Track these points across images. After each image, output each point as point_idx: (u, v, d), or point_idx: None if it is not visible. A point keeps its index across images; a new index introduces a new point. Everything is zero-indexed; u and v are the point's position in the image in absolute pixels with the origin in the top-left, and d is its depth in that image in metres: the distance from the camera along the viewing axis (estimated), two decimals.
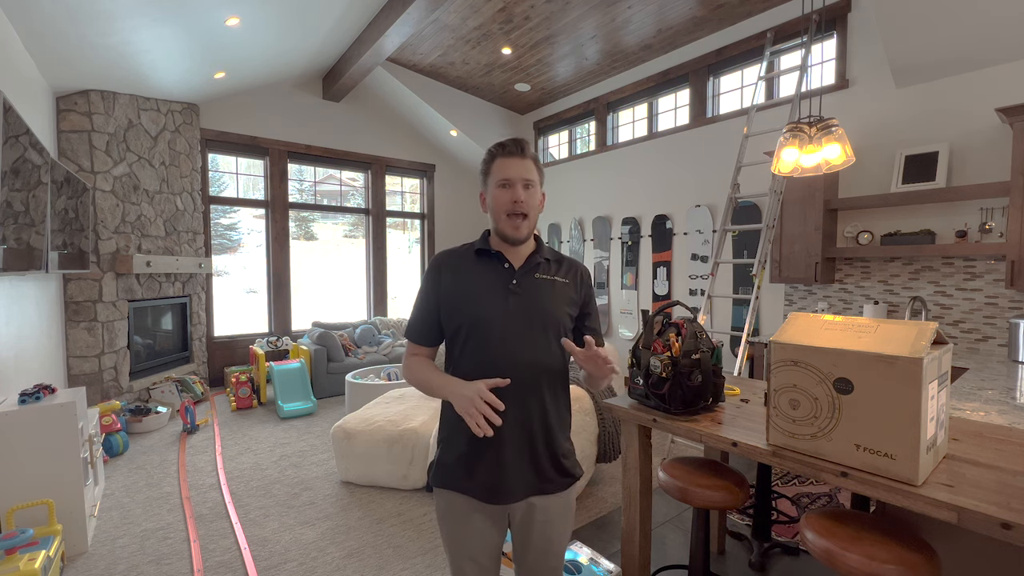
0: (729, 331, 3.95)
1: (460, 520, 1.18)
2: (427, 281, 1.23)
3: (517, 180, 1.15)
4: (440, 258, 1.24)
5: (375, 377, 4.78)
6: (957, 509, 1.02)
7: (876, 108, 3.54)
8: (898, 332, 1.18)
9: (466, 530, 1.18)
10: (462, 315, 1.17)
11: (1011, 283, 2.75)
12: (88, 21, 3.05)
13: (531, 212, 1.17)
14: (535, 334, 1.16)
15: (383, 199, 6.60)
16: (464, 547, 1.19)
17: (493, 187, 1.17)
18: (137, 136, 4.33)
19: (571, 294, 1.23)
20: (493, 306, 1.15)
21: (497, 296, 1.16)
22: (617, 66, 5.25)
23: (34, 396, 2.28)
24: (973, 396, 2.00)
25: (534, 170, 1.19)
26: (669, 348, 1.61)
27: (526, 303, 1.17)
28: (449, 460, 1.19)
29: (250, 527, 2.50)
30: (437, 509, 1.23)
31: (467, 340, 1.16)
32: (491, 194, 1.18)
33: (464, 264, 1.21)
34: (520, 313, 1.16)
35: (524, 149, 1.17)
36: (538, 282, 1.20)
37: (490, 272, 1.19)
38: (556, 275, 1.23)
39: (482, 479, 1.15)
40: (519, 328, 1.15)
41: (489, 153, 1.19)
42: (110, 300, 4.06)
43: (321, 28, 4.38)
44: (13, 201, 2.43)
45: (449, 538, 1.21)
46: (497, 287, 1.17)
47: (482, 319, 1.15)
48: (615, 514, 2.61)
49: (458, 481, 1.17)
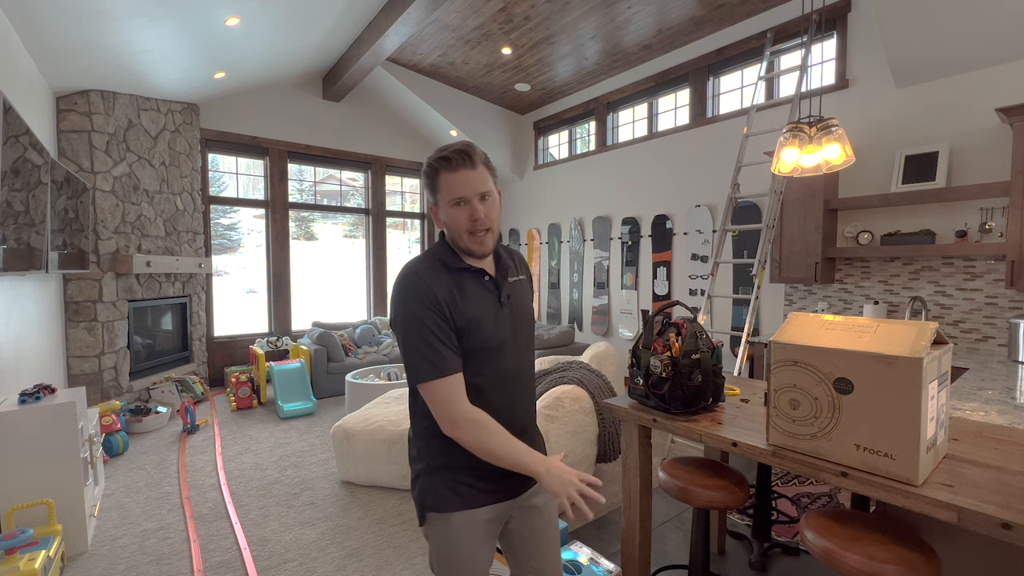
0: (729, 331, 3.95)
1: (478, 536, 1.14)
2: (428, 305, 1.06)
3: (472, 196, 1.05)
4: (424, 279, 1.08)
5: (375, 377, 4.78)
6: (957, 509, 1.02)
7: (876, 108, 3.54)
8: (898, 332, 1.18)
9: (483, 546, 1.15)
10: (473, 339, 1.09)
11: (1011, 283, 2.76)
12: (88, 21, 3.05)
13: (494, 224, 1.10)
14: (525, 338, 1.20)
15: (383, 199, 6.61)
16: (480, 563, 1.15)
17: (446, 205, 1.07)
18: (137, 136, 4.33)
19: (530, 288, 1.26)
20: (495, 324, 1.12)
21: (494, 313, 1.13)
22: (617, 66, 5.25)
23: (34, 396, 2.28)
24: (973, 396, 2.00)
25: (487, 177, 1.08)
26: (669, 348, 1.61)
27: (514, 312, 1.17)
28: (462, 481, 1.12)
29: (250, 527, 2.50)
30: (445, 538, 1.12)
31: (480, 362, 1.11)
32: (445, 212, 1.09)
33: (452, 284, 1.10)
34: (512, 323, 1.16)
35: (472, 158, 1.06)
36: (513, 286, 1.19)
37: (479, 289, 1.12)
38: (520, 274, 1.23)
39: (505, 478, 1.13)
40: (516, 337, 1.16)
41: (431, 167, 1.07)
42: (110, 300, 4.06)
43: (321, 28, 4.39)
44: (13, 201, 2.43)
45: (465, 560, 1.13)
46: (491, 304, 1.13)
47: (490, 339, 1.11)
48: (615, 514, 2.61)
49: (477, 495, 1.12)
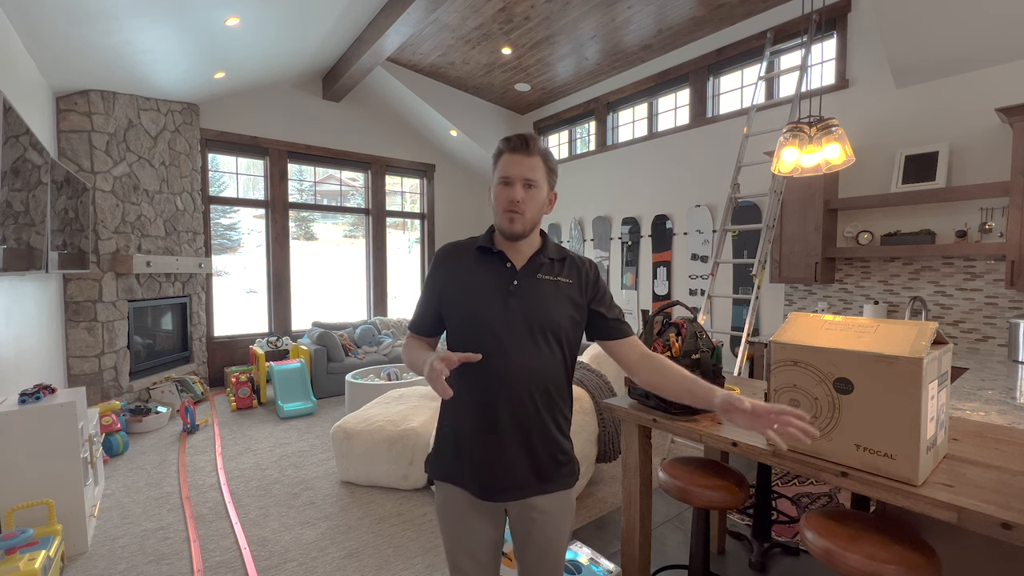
0: (729, 331, 3.95)
1: (458, 515, 1.19)
2: (431, 273, 1.25)
3: (517, 179, 1.12)
4: (445, 249, 1.24)
5: (375, 377, 4.78)
6: (957, 509, 1.02)
7: (876, 108, 3.54)
8: (898, 332, 1.18)
9: (464, 525, 1.18)
10: (460, 312, 1.17)
11: (1011, 283, 2.76)
12: (88, 21, 3.05)
13: (528, 211, 1.13)
14: (534, 336, 1.14)
15: (383, 199, 6.61)
16: (462, 542, 1.19)
17: (496, 183, 1.15)
18: (137, 136, 4.33)
19: (574, 295, 1.19)
20: (491, 306, 1.13)
21: (496, 297, 1.14)
22: (617, 66, 5.25)
23: (34, 396, 2.28)
24: (973, 396, 2.00)
25: (540, 168, 1.14)
26: (669, 348, 1.61)
27: (525, 305, 1.14)
28: (446, 453, 1.20)
29: (250, 527, 2.50)
30: (436, 502, 1.24)
31: (465, 338, 1.16)
32: (493, 190, 1.16)
33: (467, 259, 1.20)
34: (519, 315, 1.13)
35: (530, 145, 1.13)
36: (539, 283, 1.17)
37: (491, 271, 1.17)
38: (560, 275, 1.19)
39: (477, 476, 1.15)
40: (517, 330, 1.13)
41: (497, 148, 1.16)
42: (110, 300, 4.06)
43: (321, 28, 4.39)
44: (13, 201, 2.43)
45: (447, 533, 1.22)
46: (497, 288, 1.15)
47: (479, 318, 1.14)
48: (615, 514, 2.61)
49: (456, 475, 1.18)
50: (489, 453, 1.14)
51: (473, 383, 1.13)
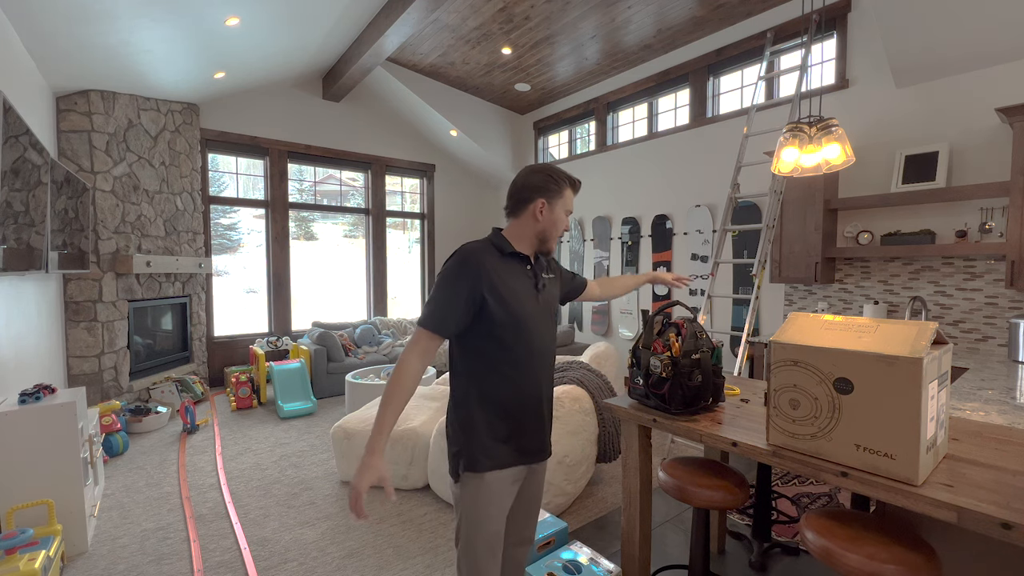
0: (729, 331, 3.95)
1: (504, 493, 1.32)
2: (459, 273, 1.25)
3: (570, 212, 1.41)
4: (478, 255, 1.28)
5: (375, 377, 4.78)
6: (957, 509, 1.02)
7: (876, 108, 3.54)
8: (898, 332, 1.18)
9: (508, 497, 1.34)
10: (509, 314, 1.28)
11: (1011, 283, 2.75)
12: (88, 21, 3.05)
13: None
14: (552, 325, 1.42)
15: (383, 199, 6.60)
16: (500, 520, 1.32)
17: (560, 210, 1.36)
18: (137, 136, 4.33)
19: (559, 284, 1.53)
20: (528, 303, 1.33)
21: (531, 296, 1.34)
22: (617, 66, 5.25)
23: (34, 396, 2.28)
24: (973, 396, 2.00)
25: None
26: (669, 348, 1.61)
27: (546, 300, 1.39)
28: (494, 444, 1.30)
29: (250, 527, 2.50)
30: (478, 495, 1.29)
31: (508, 336, 1.29)
32: (555, 214, 1.35)
33: (495, 261, 1.30)
34: (545, 309, 1.38)
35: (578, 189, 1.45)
36: (547, 280, 1.43)
37: (522, 274, 1.35)
38: (550, 272, 1.47)
39: (528, 447, 1.35)
40: (544, 320, 1.37)
41: (566, 180, 1.36)
42: (110, 300, 4.06)
43: (321, 28, 4.38)
44: (13, 201, 2.43)
45: (490, 518, 1.30)
46: (530, 288, 1.35)
47: (524, 314, 1.31)
48: (615, 514, 2.61)
49: (506, 460, 1.31)
50: (534, 423, 1.36)
51: (517, 370, 1.32)
